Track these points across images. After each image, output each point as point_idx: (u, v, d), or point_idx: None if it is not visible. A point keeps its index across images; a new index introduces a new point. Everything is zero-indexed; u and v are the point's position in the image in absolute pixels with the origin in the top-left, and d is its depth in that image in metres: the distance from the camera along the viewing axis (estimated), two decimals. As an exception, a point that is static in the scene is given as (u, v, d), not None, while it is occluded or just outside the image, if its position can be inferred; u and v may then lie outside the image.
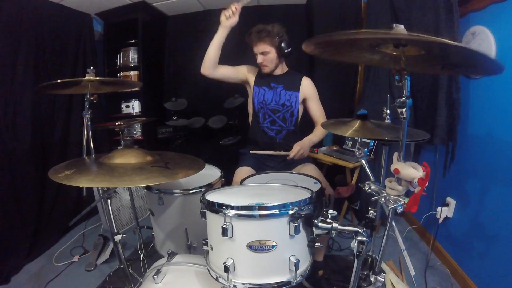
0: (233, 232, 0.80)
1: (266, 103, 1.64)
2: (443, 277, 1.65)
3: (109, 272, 1.73)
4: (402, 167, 0.77)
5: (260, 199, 0.90)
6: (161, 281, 0.98)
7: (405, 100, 0.76)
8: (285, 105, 1.63)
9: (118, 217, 2.22)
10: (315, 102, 1.68)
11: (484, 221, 1.48)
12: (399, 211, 0.83)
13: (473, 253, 1.54)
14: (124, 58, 2.71)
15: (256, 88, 1.66)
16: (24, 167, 1.96)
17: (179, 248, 1.42)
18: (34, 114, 2.04)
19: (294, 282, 0.82)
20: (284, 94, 1.63)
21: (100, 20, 2.72)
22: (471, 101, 1.64)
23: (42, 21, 2.09)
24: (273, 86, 1.64)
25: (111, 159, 1.00)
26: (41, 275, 1.74)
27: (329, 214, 0.86)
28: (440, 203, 1.84)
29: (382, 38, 0.64)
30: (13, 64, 1.91)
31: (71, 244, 2.08)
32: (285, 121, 1.65)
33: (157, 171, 0.94)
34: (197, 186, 1.38)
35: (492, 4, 1.39)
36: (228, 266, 0.79)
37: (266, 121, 1.66)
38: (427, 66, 0.95)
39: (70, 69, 2.34)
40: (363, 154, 1.15)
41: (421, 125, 1.91)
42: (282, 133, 1.66)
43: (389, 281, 1.46)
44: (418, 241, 2.07)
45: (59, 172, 0.88)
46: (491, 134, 1.47)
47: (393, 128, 1.05)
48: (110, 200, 1.15)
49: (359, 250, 0.81)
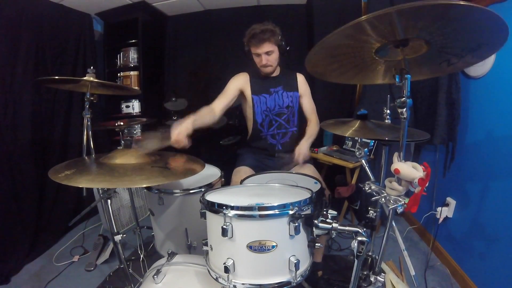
0: (233, 233, 0.80)
1: (270, 110, 1.60)
2: (443, 277, 1.65)
3: (109, 272, 1.73)
4: (402, 167, 0.77)
5: (260, 199, 0.90)
6: (161, 281, 0.98)
7: (405, 100, 0.76)
8: (289, 107, 1.62)
9: (118, 217, 2.22)
10: (308, 98, 1.68)
11: (484, 221, 1.48)
12: (399, 211, 0.83)
13: (473, 253, 1.54)
14: (124, 58, 2.71)
15: (256, 97, 1.59)
16: (24, 167, 1.96)
17: (179, 248, 1.42)
18: (34, 114, 2.05)
19: (294, 283, 0.82)
20: (286, 96, 1.61)
21: (100, 20, 2.72)
22: (471, 101, 1.64)
23: (42, 21, 2.10)
24: (273, 91, 1.61)
25: (111, 159, 1.01)
26: (41, 275, 1.74)
27: (329, 214, 0.86)
28: (440, 203, 1.84)
29: (381, 17, 0.62)
30: (13, 64, 1.91)
31: (71, 244, 2.08)
32: (289, 123, 1.64)
33: (157, 171, 0.94)
34: (197, 186, 1.38)
35: (492, 4, 1.39)
36: (228, 266, 0.79)
37: (272, 128, 1.63)
38: (432, 67, 0.94)
39: (70, 69, 2.33)
40: (363, 154, 1.15)
41: (421, 125, 1.91)
42: (287, 135, 1.64)
43: (389, 281, 1.46)
44: (418, 241, 2.06)
45: (59, 172, 0.88)
46: (491, 134, 1.47)
47: (393, 128, 1.05)
48: (110, 200, 1.16)
49: (359, 250, 0.81)
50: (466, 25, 0.68)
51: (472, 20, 0.66)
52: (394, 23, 0.68)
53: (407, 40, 0.76)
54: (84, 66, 2.41)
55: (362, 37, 0.77)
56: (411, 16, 0.65)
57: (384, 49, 0.82)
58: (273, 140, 1.64)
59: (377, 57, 0.87)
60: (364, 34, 0.75)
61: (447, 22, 0.67)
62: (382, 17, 0.64)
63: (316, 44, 0.78)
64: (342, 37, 0.76)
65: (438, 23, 0.67)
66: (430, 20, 0.66)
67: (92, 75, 1.31)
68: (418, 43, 0.78)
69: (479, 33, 0.72)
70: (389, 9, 0.61)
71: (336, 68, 0.97)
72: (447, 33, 0.71)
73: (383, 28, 0.71)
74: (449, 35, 0.72)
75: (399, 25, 0.69)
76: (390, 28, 0.71)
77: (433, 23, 0.67)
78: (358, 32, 0.74)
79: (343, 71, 0.99)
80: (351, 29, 0.69)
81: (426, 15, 0.65)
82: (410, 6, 0.59)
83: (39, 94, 2.09)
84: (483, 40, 0.74)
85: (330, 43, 0.78)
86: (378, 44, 0.80)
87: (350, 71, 0.99)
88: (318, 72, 1.01)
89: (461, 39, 0.75)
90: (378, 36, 0.76)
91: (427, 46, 0.78)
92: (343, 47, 0.83)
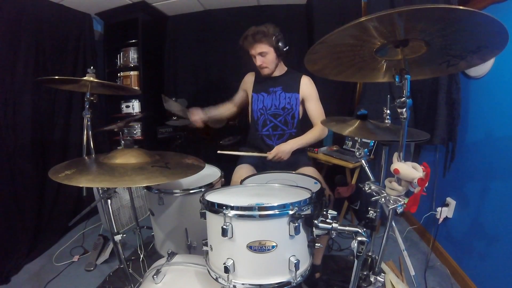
0: (233, 233, 0.80)
1: (266, 109, 1.62)
2: (443, 277, 1.65)
3: (109, 272, 1.73)
4: (402, 167, 0.77)
5: (260, 199, 0.90)
6: (161, 281, 0.98)
7: (405, 100, 0.76)
8: (285, 108, 1.61)
9: (118, 217, 2.22)
10: (314, 101, 1.63)
11: (484, 221, 1.48)
12: (399, 211, 0.83)
13: (473, 253, 1.54)
14: (124, 58, 2.71)
15: (255, 95, 1.64)
16: (24, 167, 1.97)
17: (179, 248, 1.42)
18: (34, 114, 2.05)
19: (294, 283, 0.82)
20: (283, 97, 1.61)
21: (100, 20, 2.72)
22: (471, 101, 1.64)
23: (42, 21, 2.10)
24: (272, 90, 1.62)
25: (111, 159, 1.01)
26: (41, 275, 1.74)
27: (329, 214, 0.86)
28: (440, 203, 1.84)
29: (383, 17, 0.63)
30: (13, 64, 1.92)
31: (71, 244, 2.08)
32: (287, 125, 1.63)
33: (157, 171, 0.94)
34: (197, 186, 1.38)
35: (492, 4, 1.39)
36: (228, 266, 0.79)
37: (266, 128, 1.63)
38: (432, 67, 0.95)
39: (70, 69, 2.34)
40: (363, 154, 1.15)
41: (421, 125, 1.91)
42: (284, 137, 1.64)
43: (389, 281, 1.46)
44: (418, 241, 2.06)
45: (59, 172, 0.88)
46: (491, 134, 1.47)
47: (393, 128, 1.05)
48: (110, 200, 1.16)
49: (359, 250, 0.81)
50: (466, 28, 0.68)
51: (472, 24, 0.66)
52: (395, 23, 0.68)
53: (407, 41, 0.76)
54: (84, 66, 2.41)
55: (363, 37, 0.77)
56: (412, 17, 0.65)
57: (384, 48, 0.82)
58: (269, 141, 1.64)
59: (377, 56, 0.87)
60: (365, 34, 0.75)
61: (447, 25, 0.67)
62: (384, 18, 0.65)
63: (317, 42, 0.78)
64: (343, 36, 0.76)
65: (438, 25, 0.67)
66: (430, 22, 0.67)
67: (92, 75, 1.31)
68: (417, 44, 0.78)
69: (479, 36, 0.72)
70: (391, 10, 0.61)
71: (336, 66, 0.97)
72: (447, 34, 0.71)
73: (383, 28, 0.71)
74: (448, 37, 0.72)
75: (400, 26, 0.69)
76: (391, 28, 0.71)
77: (433, 25, 0.67)
78: (359, 31, 0.74)
79: (343, 69, 0.99)
80: (352, 28, 0.70)
81: (426, 17, 0.65)
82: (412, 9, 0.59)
83: (39, 94, 2.09)
84: (483, 43, 0.74)
85: (330, 42, 0.78)
86: (379, 43, 0.80)
87: (350, 69, 0.99)
88: (317, 70, 1.01)
89: (460, 41, 0.75)
90: (378, 36, 0.76)
91: (426, 47, 0.78)
92: (344, 45, 0.82)
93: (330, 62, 0.94)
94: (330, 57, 0.90)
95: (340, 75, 1.03)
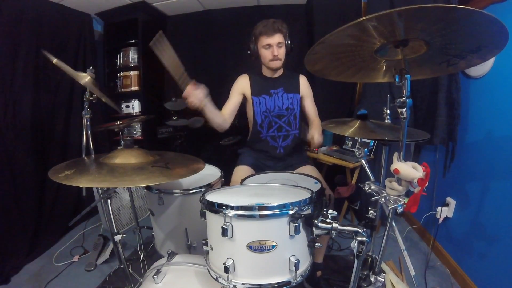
0: (233, 232, 0.80)
1: (270, 111, 1.60)
2: (443, 277, 1.65)
3: (109, 272, 1.73)
4: (402, 167, 0.77)
5: (260, 199, 0.90)
6: (161, 281, 0.98)
7: (405, 100, 0.76)
8: (289, 109, 1.61)
9: (118, 217, 2.22)
10: (311, 100, 1.68)
11: (484, 221, 1.48)
12: (399, 211, 0.83)
13: (473, 253, 1.54)
14: (124, 58, 2.71)
15: (256, 99, 1.60)
16: (24, 167, 1.96)
17: (179, 248, 1.42)
18: (34, 114, 2.05)
19: (294, 282, 0.82)
20: (286, 97, 1.61)
21: (100, 20, 2.72)
22: (471, 101, 1.64)
23: (42, 21, 2.10)
24: (273, 92, 1.61)
25: (111, 159, 1.01)
26: (41, 275, 1.74)
27: (329, 214, 0.86)
28: (440, 203, 1.84)
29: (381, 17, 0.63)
30: (13, 64, 1.91)
31: (71, 244, 2.08)
32: (290, 125, 1.63)
33: (157, 171, 0.94)
34: (197, 186, 1.38)
35: (492, 4, 1.39)
36: (228, 266, 0.79)
37: (271, 129, 1.62)
38: (432, 67, 0.94)
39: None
40: (363, 154, 1.15)
41: (421, 125, 1.91)
42: (288, 138, 1.63)
43: (389, 281, 1.46)
44: (418, 241, 2.06)
45: (59, 172, 0.88)
46: (491, 134, 1.47)
47: (393, 128, 1.05)
48: (110, 200, 1.16)
49: (359, 250, 0.81)
50: (465, 28, 0.68)
51: (472, 23, 0.66)
52: (395, 23, 0.68)
53: (407, 41, 0.76)
54: (84, 66, 2.41)
55: (363, 37, 0.77)
56: (412, 17, 0.66)
57: (384, 48, 0.82)
58: (274, 142, 1.63)
59: (377, 56, 0.87)
60: (365, 34, 0.75)
61: (447, 24, 0.67)
62: (383, 18, 0.65)
63: (317, 42, 0.78)
64: (343, 36, 0.76)
65: (438, 24, 0.67)
66: (430, 22, 0.67)
67: (91, 75, 1.31)
68: (417, 44, 0.78)
69: (479, 35, 0.72)
70: (391, 10, 0.61)
71: (336, 66, 0.97)
72: (447, 34, 0.71)
73: (383, 28, 0.71)
74: (448, 36, 0.72)
75: (400, 25, 0.69)
76: (390, 28, 0.71)
77: (433, 24, 0.67)
78: (359, 31, 0.74)
79: (343, 70, 0.99)
80: (352, 28, 0.70)
81: (426, 17, 0.65)
82: (412, 8, 0.59)
83: (39, 94, 2.09)
84: (483, 42, 0.74)
85: (330, 42, 0.78)
86: (378, 43, 0.80)
87: (350, 70, 0.99)
88: (317, 70, 1.01)
89: (460, 40, 0.75)
90: (378, 36, 0.76)
91: (426, 46, 0.78)
92: (344, 46, 0.82)
93: (330, 63, 0.94)
94: (330, 57, 0.90)
95: (340, 76, 1.04)
